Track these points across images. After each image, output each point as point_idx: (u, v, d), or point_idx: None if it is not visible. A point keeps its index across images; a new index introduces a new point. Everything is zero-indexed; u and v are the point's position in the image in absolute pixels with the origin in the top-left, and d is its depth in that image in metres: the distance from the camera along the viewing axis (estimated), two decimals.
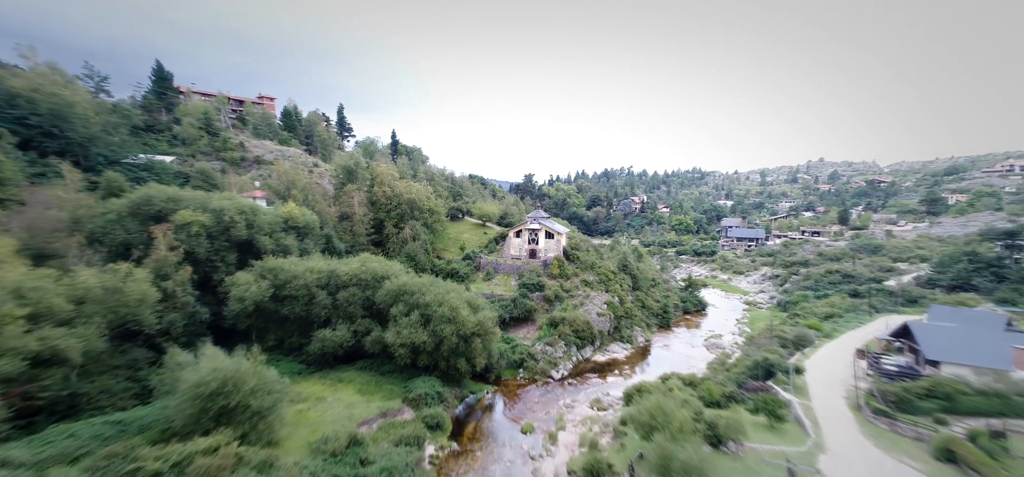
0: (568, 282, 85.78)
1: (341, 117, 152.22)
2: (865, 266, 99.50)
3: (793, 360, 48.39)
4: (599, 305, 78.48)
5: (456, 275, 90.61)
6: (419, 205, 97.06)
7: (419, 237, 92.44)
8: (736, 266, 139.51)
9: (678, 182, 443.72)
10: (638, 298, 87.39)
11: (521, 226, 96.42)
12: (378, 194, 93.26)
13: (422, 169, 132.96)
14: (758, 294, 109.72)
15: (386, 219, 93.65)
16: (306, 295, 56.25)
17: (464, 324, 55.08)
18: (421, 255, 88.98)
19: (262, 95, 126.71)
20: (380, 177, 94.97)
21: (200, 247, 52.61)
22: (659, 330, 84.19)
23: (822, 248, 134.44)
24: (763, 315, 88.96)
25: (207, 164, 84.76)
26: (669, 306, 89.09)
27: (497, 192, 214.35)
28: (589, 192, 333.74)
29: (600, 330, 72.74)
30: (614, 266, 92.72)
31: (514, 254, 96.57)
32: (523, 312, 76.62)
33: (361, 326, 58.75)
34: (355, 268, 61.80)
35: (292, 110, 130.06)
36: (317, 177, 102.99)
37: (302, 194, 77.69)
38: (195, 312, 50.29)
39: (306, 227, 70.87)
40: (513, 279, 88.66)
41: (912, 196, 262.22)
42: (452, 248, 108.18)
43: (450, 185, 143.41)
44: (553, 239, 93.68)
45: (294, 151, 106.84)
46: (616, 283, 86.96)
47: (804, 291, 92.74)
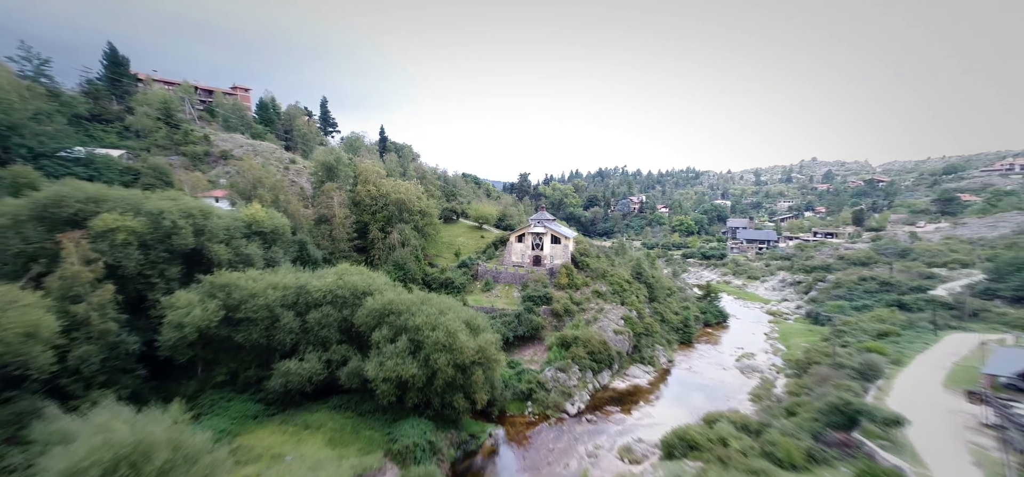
0: (578, 293, 75.84)
1: (325, 111, 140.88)
2: (901, 272, 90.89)
3: (871, 397, 38.90)
4: (615, 320, 68.60)
5: (451, 286, 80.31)
6: (409, 206, 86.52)
7: (409, 243, 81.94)
8: (750, 271, 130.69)
9: (673, 181, 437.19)
10: (656, 311, 77.70)
11: (523, 229, 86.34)
12: (362, 194, 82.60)
13: (412, 167, 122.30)
14: (780, 303, 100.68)
15: (371, 222, 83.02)
16: (267, 317, 45.58)
17: (462, 352, 44.95)
18: (411, 263, 78.50)
19: (236, 86, 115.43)
20: (364, 174, 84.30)
21: (129, 259, 41.73)
22: (680, 346, 74.56)
23: (841, 251, 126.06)
24: (794, 329, 79.74)
25: (164, 159, 73.48)
26: (689, 319, 79.49)
27: (491, 192, 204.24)
28: (586, 192, 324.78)
29: (618, 351, 62.83)
30: (628, 274, 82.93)
31: (516, 261, 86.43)
32: (529, 330, 66.54)
33: (336, 354, 48.25)
34: (330, 282, 51.29)
35: (269, 102, 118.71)
36: (294, 175, 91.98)
37: (271, 194, 66.85)
38: (120, 343, 39.44)
39: (274, 232, 60.10)
40: (515, 290, 78.53)
41: (913, 195, 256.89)
42: (446, 254, 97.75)
43: (443, 184, 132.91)
44: (560, 244, 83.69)
45: (268, 146, 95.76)
46: (632, 294, 77.16)
47: (837, 301, 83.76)
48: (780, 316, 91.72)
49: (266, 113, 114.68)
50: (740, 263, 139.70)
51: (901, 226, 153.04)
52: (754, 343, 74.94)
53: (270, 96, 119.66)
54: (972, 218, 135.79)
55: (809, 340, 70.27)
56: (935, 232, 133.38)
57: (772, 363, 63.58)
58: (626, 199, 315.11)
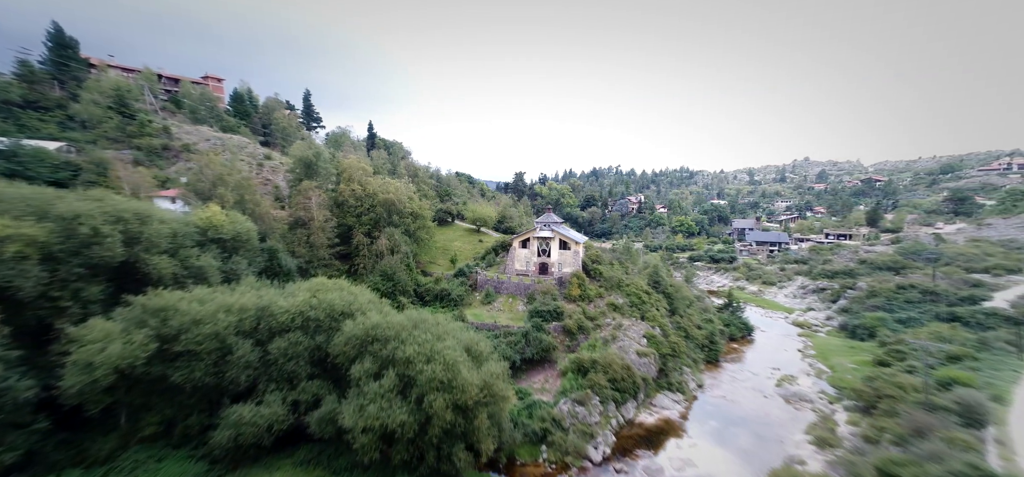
0: (592, 306, 66.83)
1: (308, 104, 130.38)
2: (940, 279, 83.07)
3: (994, 455, 30.27)
4: (637, 339, 59.60)
5: (447, 298, 70.84)
6: (399, 207, 76.89)
7: (399, 249, 72.29)
8: (764, 275, 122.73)
9: (667, 181, 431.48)
10: (678, 325, 68.84)
11: (528, 234, 77.09)
12: (345, 193, 72.82)
13: (403, 165, 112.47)
14: (806, 312, 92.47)
15: (356, 226, 73.26)
16: (216, 349, 35.88)
17: (464, 390, 35.81)
18: (401, 273, 68.88)
19: (208, 75, 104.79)
20: (348, 171, 74.51)
21: (25, 278, 31.77)
22: (706, 366, 65.79)
23: (861, 254, 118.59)
24: (831, 344, 71.30)
25: (113, 153, 63.14)
26: (715, 334, 70.75)
27: (486, 192, 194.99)
28: (582, 192, 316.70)
29: (644, 377, 53.77)
30: (645, 283, 74.03)
31: (520, 269, 77.17)
32: (538, 352, 57.35)
33: (305, 394, 38.70)
34: (301, 302, 41.76)
35: (245, 93, 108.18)
36: (269, 173, 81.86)
37: (235, 193, 56.81)
38: (8, 389, 29.47)
39: (236, 239, 50.27)
40: (520, 302, 69.32)
41: (914, 195, 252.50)
42: (441, 260, 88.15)
43: (436, 184, 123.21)
44: (569, 250, 74.57)
45: (240, 140, 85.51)
46: (652, 306, 68.28)
47: (874, 312, 75.68)
48: (808, 327, 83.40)
49: (241, 105, 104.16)
50: (752, 267, 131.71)
51: (918, 227, 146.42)
52: (788, 361, 66.40)
53: (246, 87, 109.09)
54: (995, 219, 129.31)
55: (855, 359, 61.85)
56: (957, 233, 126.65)
57: (821, 391, 54.84)
58: (624, 199, 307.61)
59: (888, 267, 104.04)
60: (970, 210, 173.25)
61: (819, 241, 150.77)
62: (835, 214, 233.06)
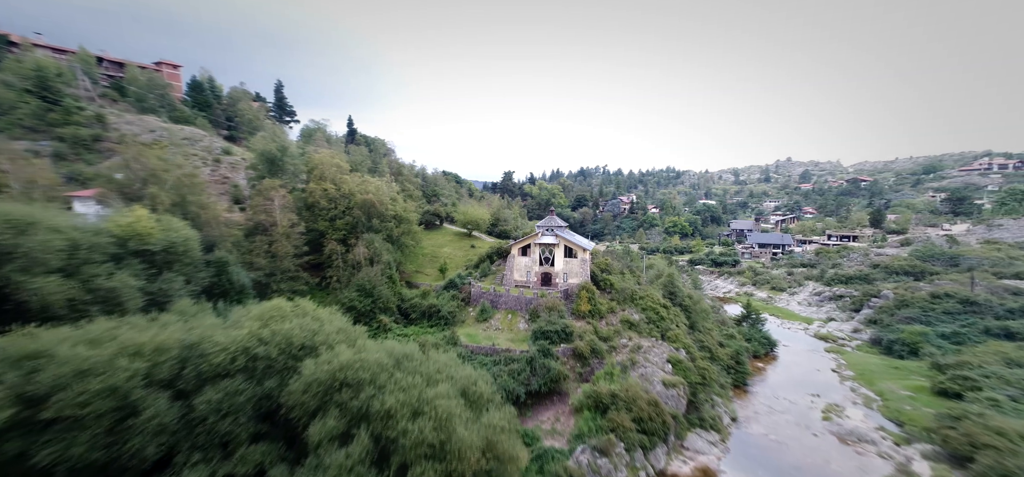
0: (604, 324, 57.91)
1: (280, 96, 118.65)
2: (977, 285, 76.67)
3: None
4: (660, 364, 50.74)
5: (436, 315, 61.02)
6: (379, 210, 66.88)
7: (379, 258, 62.18)
8: (772, 281, 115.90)
9: (654, 181, 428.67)
10: (701, 344, 60.34)
11: (529, 239, 67.75)
12: (316, 193, 62.55)
13: (386, 162, 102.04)
14: (828, 324, 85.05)
15: (329, 231, 63.05)
16: (112, 411, 25.49)
17: (461, 456, 26.60)
18: (382, 287, 58.80)
19: (162, 61, 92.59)
20: (320, 168, 64.25)
21: None
22: (734, 391, 57.42)
23: (872, 257, 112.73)
24: (868, 363, 63.66)
25: (27, 144, 51.61)
26: (741, 353, 62.46)
27: (474, 191, 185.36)
28: (573, 192, 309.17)
29: (674, 413, 44.86)
30: (661, 295, 65.40)
31: (519, 279, 67.81)
32: (546, 382, 48.08)
33: (245, 464, 28.51)
34: (246, 335, 31.62)
35: (206, 82, 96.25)
36: (228, 169, 70.78)
37: (173, 193, 46.02)
38: None
39: (169, 251, 39.73)
40: (521, 319, 59.98)
41: (899, 195, 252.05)
42: (428, 269, 78.24)
43: (423, 183, 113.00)
44: (576, 258, 65.50)
45: (195, 132, 74.16)
46: (671, 323, 59.61)
47: (910, 325, 68.54)
48: (834, 341, 76.01)
49: (200, 95, 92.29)
50: (758, 271, 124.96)
51: (923, 228, 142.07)
52: (825, 384, 58.49)
53: (206, 75, 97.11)
54: (1004, 219, 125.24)
55: (905, 385, 54.14)
56: (967, 234, 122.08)
57: (879, 427, 46.64)
58: (616, 199, 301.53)
59: (906, 272, 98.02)
60: (970, 210, 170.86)
61: (823, 243, 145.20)
62: (830, 214, 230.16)
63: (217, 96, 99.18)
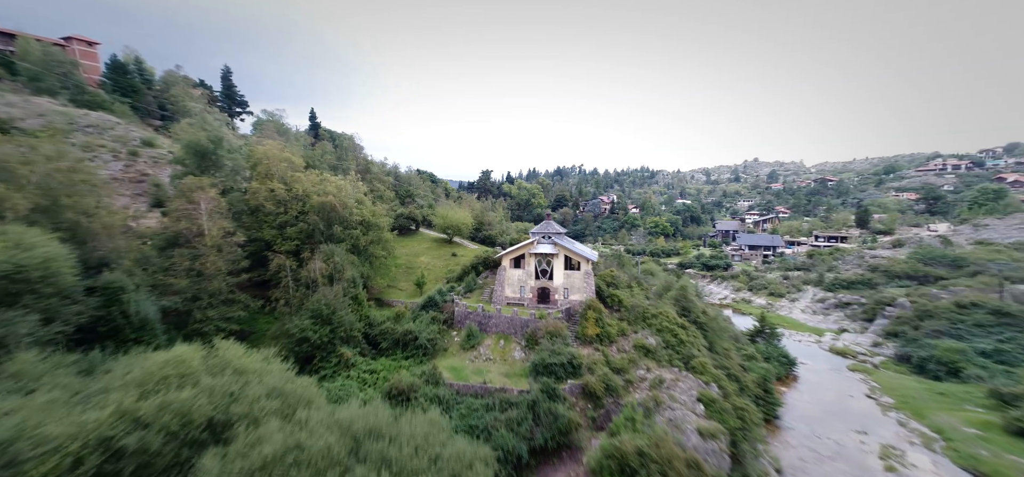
0: (615, 350, 48.47)
1: (228, 84, 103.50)
2: (985, 290, 72.01)
3: None
4: (690, 404, 41.60)
5: (412, 344, 49.90)
6: (342, 214, 55.23)
7: (341, 274, 50.50)
8: (770, 286, 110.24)
9: (630, 180, 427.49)
10: (725, 369, 51.73)
11: (522, 249, 57.54)
12: (259, 194, 50.36)
13: (354, 160, 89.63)
14: (841, 335, 78.66)
15: (276, 242, 50.97)
16: None
17: None
18: (345, 311, 47.15)
19: (73, 36, 76.77)
20: (264, 164, 52.09)
21: None
22: (765, 425, 49.07)
23: (869, 260, 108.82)
24: (905, 386, 56.57)
25: None
26: (767, 379, 54.31)
27: (450, 192, 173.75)
28: (552, 191, 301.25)
29: (716, 475, 35.64)
30: (675, 312, 56.54)
31: (512, 295, 57.57)
32: (554, 435, 38.08)
33: None
34: (107, 418, 20.35)
35: (131, 63, 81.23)
36: (148, 164, 57.29)
37: (36, 196, 33.14)
38: None
39: (12, 277, 27.22)
40: (516, 345, 49.78)
41: (865, 195, 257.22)
42: (403, 283, 66.92)
43: (395, 183, 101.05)
44: (578, 271, 55.81)
45: (104, 118, 60.01)
46: (692, 346, 50.71)
47: (940, 340, 62.38)
48: (851, 355, 69.49)
49: (123, 77, 77.23)
50: (753, 276, 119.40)
51: (907, 228, 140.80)
52: (865, 414, 50.94)
53: (132, 55, 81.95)
54: (990, 219, 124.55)
55: (965, 418, 46.92)
56: (955, 234, 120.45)
57: None
58: (596, 199, 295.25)
59: (908, 276, 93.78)
60: (945, 209, 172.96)
61: (813, 245, 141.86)
62: (807, 214, 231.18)
63: (147, 80, 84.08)
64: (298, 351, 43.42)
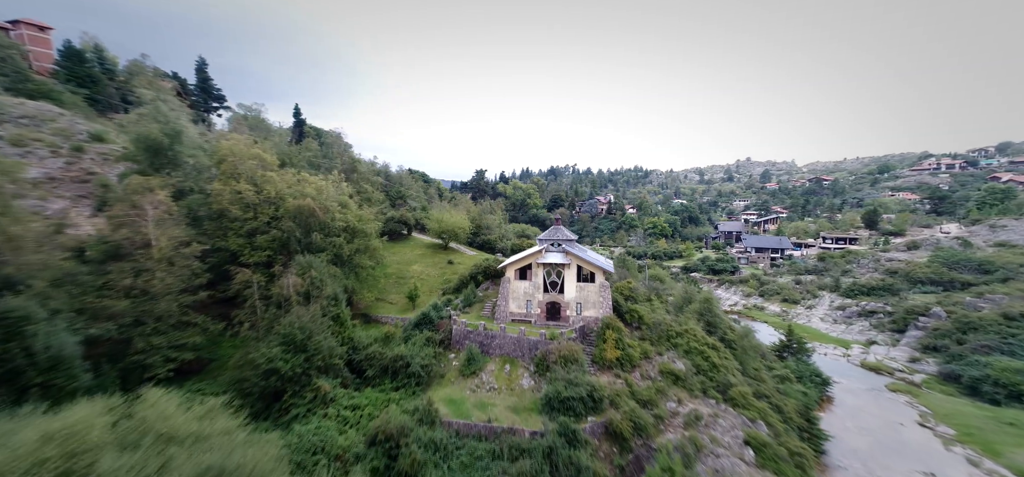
0: (639, 376, 41.84)
1: (203, 77, 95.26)
2: None
3: None
4: (735, 446, 35.04)
5: (403, 371, 42.85)
6: (323, 219, 48.04)
7: (320, 290, 43.27)
8: (783, 292, 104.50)
9: (623, 180, 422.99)
10: (763, 396, 45.29)
11: (530, 258, 50.60)
12: (223, 197, 43.00)
13: (339, 159, 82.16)
14: (870, 349, 72.59)
15: (245, 252, 43.67)
16: None
17: None
18: (323, 335, 39.91)
19: (20, 19, 68.54)
20: (230, 161, 44.69)
21: None
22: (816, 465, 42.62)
23: (885, 263, 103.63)
24: (963, 414, 50.30)
25: None
26: (810, 405, 47.97)
27: (443, 192, 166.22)
28: (547, 191, 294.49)
29: None
30: (699, 328, 50.00)
31: (517, 311, 50.67)
32: None
33: None
34: None
35: (89, 51, 73.15)
36: (96, 162, 49.58)
37: None
38: None
39: None
40: (524, 370, 42.98)
41: (859, 194, 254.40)
42: (394, 295, 59.85)
43: (385, 183, 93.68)
44: (593, 283, 49.04)
45: (42, 108, 51.86)
46: (726, 371, 44.19)
47: (991, 356, 56.52)
48: (887, 372, 63.64)
49: (80, 66, 69.09)
50: (763, 280, 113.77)
51: (918, 229, 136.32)
52: (921, 448, 44.66)
53: (91, 42, 73.88)
54: (1006, 220, 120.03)
55: None
56: (971, 236, 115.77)
57: None
58: (593, 199, 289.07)
59: (932, 281, 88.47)
60: (951, 209, 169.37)
61: (823, 247, 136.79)
62: (807, 215, 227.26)
63: (108, 70, 75.87)
64: (264, 386, 36.15)
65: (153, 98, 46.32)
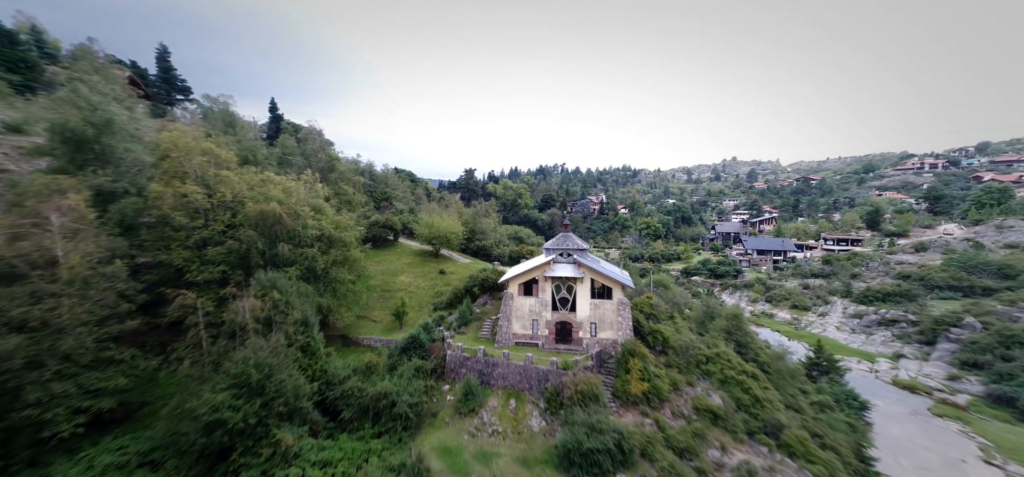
0: (669, 414, 35.07)
1: (165, 66, 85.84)
2: None
3: None
4: None
5: (388, 411, 35.33)
6: (292, 226, 40.30)
7: (286, 316, 35.48)
8: (792, 298, 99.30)
9: (612, 179, 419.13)
10: (814, 434, 38.93)
11: (536, 271, 43.44)
12: (165, 201, 34.98)
13: (314, 157, 73.90)
14: (898, 363, 67.18)
15: (193, 268, 35.70)
16: None
17: None
18: (287, 372, 32.09)
19: None
20: (174, 157, 36.63)
21: None
22: None
23: (895, 267, 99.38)
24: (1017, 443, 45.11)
25: None
26: (862, 443, 41.83)
27: (431, 192, 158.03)
28: (538, 191, 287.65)
29: None
30: (731, 351, 43.45)
31: (522, 331, 43.47)
32: None
33: None
34: None
35: (23, 32, 63.77)
36: (11, 157, 40.94)
37: None
38: None
39: None
40: (533, 407, 35.96)
41: (846, 194, 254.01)
42: (378, 311, 52.25)
43: (369, 184, 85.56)
44: (610, 300, 42.07)
45: None
46: (772, 407, 37.66)
47: None
48: (924, 391, 58.15)
49: (11, 49, 59.64)
50: (769, 285, 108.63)
51: (921, 229, 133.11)
52: None
53: (26, 22, 64.48)
54: (1013, 220, 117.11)
55: None
56: (977, 237, 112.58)
57: None
58: (585, 200, 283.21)
59: (950, 287, 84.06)
60: (948, 209, 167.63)
61: (826, 249, 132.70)
62: (800, 215, 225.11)
63: (49, 55, 66.36)
64: (206, 443, 28.30)
65: (70, 78, 37.89)
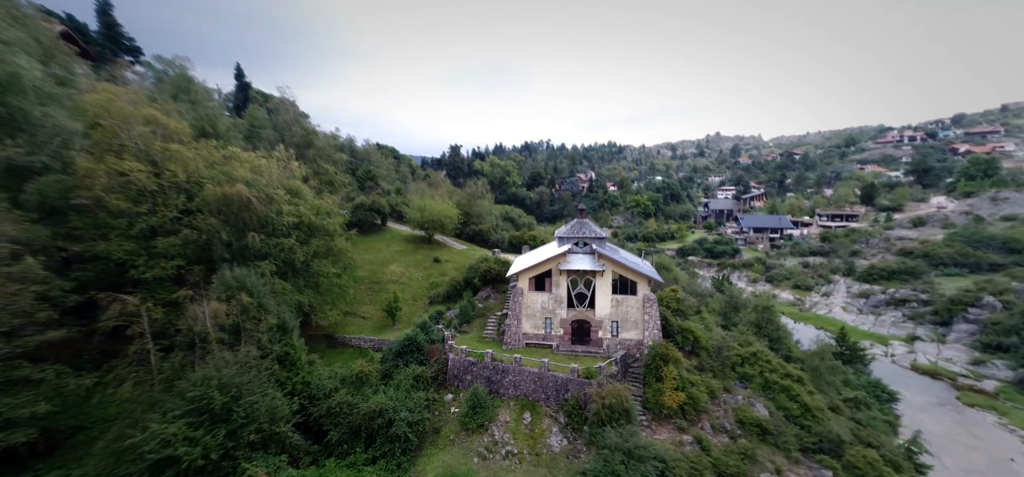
0: (709, 429, 30.67)
1: (108, 21, 75.16)
2: None
3: None
4: None
5: (384, 431, 29.74)
6: (262, 212, 33.55)
7: (258, 323, 29.14)
8: (794, 277, 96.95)
9: (597, 156, 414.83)
10: (869, 443, 35.19)
11: (549, 264, 37.91)
12: (98, 180, 27.75)
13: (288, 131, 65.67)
14: (913, 345, 64.87)
15: (137, 263, 28.76)
16: None
17: None
18: (257, 394, 26.01)
19: None
20: (107, 124, 29.13)
21: None
22: None
23: (895, 243, 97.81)
24: None
25: None
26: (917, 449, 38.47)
27: (416, 169, 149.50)
28: (526, 168, 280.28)
29: None
30: (763, 347, 39.22)
31: (533, 331, 38.19)
32: None
33: None
34: None
35: None
36: None
37: None
38: None
39: None
40: (552, 422, 31.02)
41: (828, 168, 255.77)
42: (366, 306, 46.22)
43: (351, 161, 77.75)
44: (634, 295, 36.97)
45: None
46: (824, 415, 33.59)
47: None
48: (950, 378, 55.49)
49: None
50: (769, 264, 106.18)
51: (914, 203, 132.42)
52: None
53: None
54: (1008, 192, 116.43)
55: None
56: (970, 209, 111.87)
57: None
58: (573, 177, 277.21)
59: (957, 263, 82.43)
60: (934, 181, 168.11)
61: (823, 225, 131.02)
62: (787, 191, 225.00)
63: None
64: None
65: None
